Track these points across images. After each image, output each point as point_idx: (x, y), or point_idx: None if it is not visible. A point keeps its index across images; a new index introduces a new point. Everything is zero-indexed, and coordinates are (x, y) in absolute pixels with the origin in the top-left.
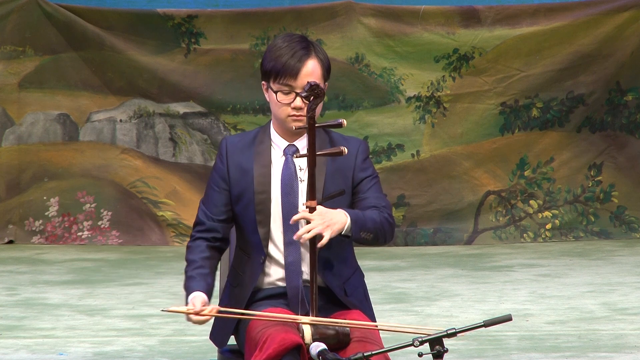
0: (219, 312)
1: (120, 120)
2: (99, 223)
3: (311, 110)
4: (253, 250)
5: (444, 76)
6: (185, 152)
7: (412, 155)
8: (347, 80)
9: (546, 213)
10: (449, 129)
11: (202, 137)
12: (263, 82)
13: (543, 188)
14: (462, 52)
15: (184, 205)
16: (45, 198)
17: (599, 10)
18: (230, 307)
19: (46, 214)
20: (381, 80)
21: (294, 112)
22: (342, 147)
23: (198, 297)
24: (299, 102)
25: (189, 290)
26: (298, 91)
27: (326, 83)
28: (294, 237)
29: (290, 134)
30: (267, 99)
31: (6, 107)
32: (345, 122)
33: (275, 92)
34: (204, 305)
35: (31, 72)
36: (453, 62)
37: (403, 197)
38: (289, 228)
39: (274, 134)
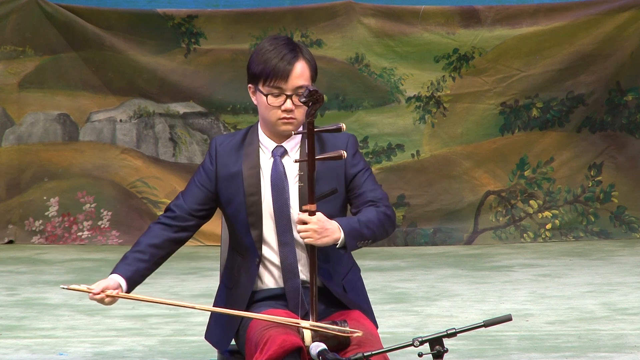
0: (120, 295)
1: (120, 120)
2: (99, 223)
3: (310, 115)
4: (247, 252)
5: (444, 76)
6: (185, 152)
7: (412, 155)
8: (347, 80)
9: (546, 213)
10: (449, 129)
11: (202, 137)
12: (250, 85)
13: (543, 188)
14: (462, 52)
15: None
16: (45, 198)
17: (599, 10)
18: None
19: (46, 214)
20: (381, 80)
21: (285, 115)
22: (341, 152)
23: (108, 280)
24: (289, 104)
25: (114, 269)
26: (288, 93)
27: (314, 84)
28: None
29: (278, 136)
30: (255, 102)
31: (6, 107)
32: (344, 126)
33: (266, 95)
34: (108, 289)
35: (31, 72)
36: (453, 62)
37: (403, 197)
38: (283, 229)
39: (262, 136)
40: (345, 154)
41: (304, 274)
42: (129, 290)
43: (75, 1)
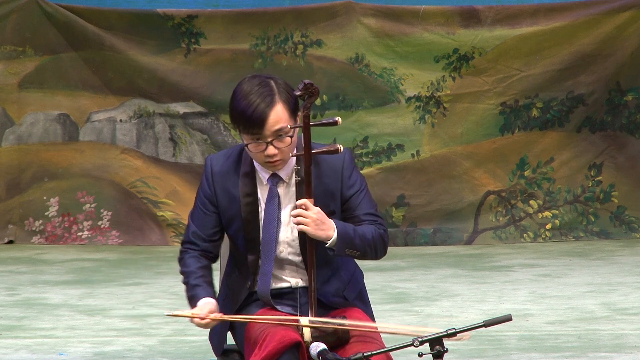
0: (224, 317)
1: (120, 120)
2: (99, 223)
3: (306, 109)
4: (244, 270)
5: (444, 76)
6: (185, 152)
7: (412, 155)
8: (347, 80)
9: (546, 213)
10: (449, 129)
11: (202, 137)
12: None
13: (543, 188)
14: (462, 52)
15: (184, 205)
16: (45, 198)
17: (599, 10)
18: (223, 314)
19: (46, 214)
20: (381, 80)
21: (269, 159)
22: (337, 145)
23: (207, 304)
24: (271, 150)
25: (197, 297)
26: (268, 140)
27: (298, 113)
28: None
29: None
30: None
31: (6, 107)
32: (340, 120)
33: (247, 143)
34: (210, 312)
35: (31, 72)
36: (453, 62)
37: (403, 197)
38: (266, 258)
39: (256, 163)
40: (341, 147)
41: (291, 280)
42: None
43: (75, 1)
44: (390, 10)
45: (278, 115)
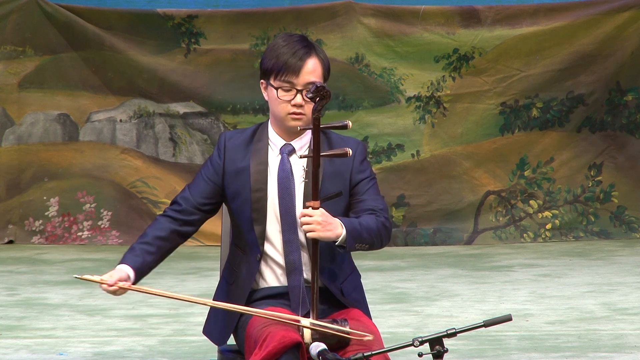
0: (133, 287)
1: (120, 120)
2: (99, 223)
3: (317, 111)
4: (248, 248)
5: (444, 76)
6: (185, 152)
7: (412, 155)
8: (347, 80)
9: (546, 213)
10: (449, 129)
11: (202, 137)
12: (262, 80)
13: (543, 188)
14: (462, 52)
15: None
16: (45, 198)
17: (599, 10)
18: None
19: (46, 214)
20: (381, 80)
21: (294, 110)
22: (346, 149)
23: (119, 271)
24: (299, 99)
25: (122, 259)
26: (299, 88)
27: (326, 83)
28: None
29: (288, 133)
30: (266, 98)
31: (6, 107)
32: (350, 123)
33: (276, 89)
34: (120, 280)
35: (31, 72)
36: (453, 62)
37: (403, 197)
38: (288, 227)
39: (272, 133)
40: (350, 151)
41: (306, 273)
42: (135, 282)
43: (75, 1)
44: (390, 10)
45: (314, 66)
